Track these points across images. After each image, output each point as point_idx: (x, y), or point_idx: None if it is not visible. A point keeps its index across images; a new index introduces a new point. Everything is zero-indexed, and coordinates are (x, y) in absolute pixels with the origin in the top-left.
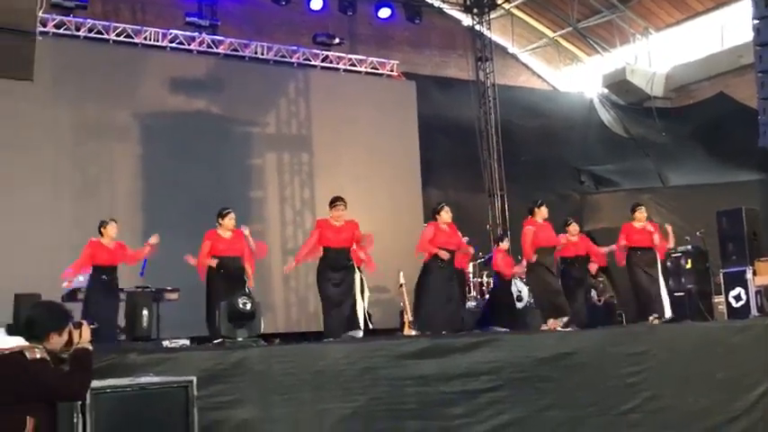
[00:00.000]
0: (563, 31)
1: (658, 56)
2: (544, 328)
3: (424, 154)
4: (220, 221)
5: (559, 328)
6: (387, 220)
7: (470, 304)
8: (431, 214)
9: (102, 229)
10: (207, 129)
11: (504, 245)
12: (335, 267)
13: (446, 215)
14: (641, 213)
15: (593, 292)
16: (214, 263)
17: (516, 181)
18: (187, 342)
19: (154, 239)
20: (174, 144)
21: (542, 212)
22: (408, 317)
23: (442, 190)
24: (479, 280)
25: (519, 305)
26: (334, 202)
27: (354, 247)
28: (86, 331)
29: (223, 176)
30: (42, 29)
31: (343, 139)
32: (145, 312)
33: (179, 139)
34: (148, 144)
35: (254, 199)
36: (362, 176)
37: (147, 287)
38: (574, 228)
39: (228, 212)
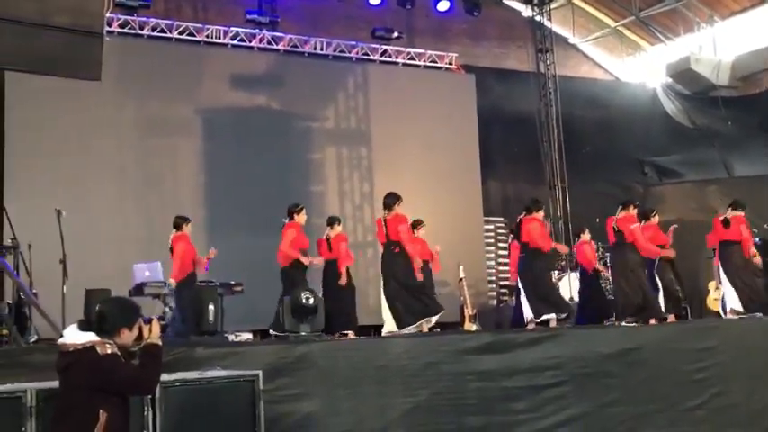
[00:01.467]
0: (625, 21)
1: (724, 44)
2: (608, 322)
3: (483, 147)
4: (296, 217)
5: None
6: (446, 215)
7: None
8: (528, 210)
9: (185, 226)
10: (267, 124)
11: (587, 236)
12: None
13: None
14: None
15: None
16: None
17: (578, 173)
18: (250, 336)
19: (212, 254)
20: (236, 139)
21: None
22: (469, 311)
23: (502, 183)
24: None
25: None
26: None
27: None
28: (156, 327)
29: (283, 171)
30: (108, 28)
31: (402, 134)
32: (211, 307)
33: (240, 135)
34: (211, 140)
35: (315, 193)
36: (421, 171)
37: (212, 281)
38: (656, 219)
39: (303, 208)
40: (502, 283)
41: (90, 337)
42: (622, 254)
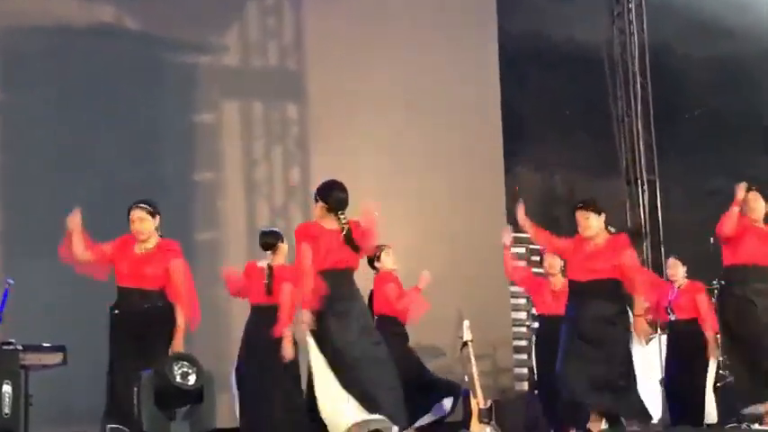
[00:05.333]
0: None
1: None
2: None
3: (509, 107)
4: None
5: None
6: (438, 225)
7: None
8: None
9: None
10: (116, 61)
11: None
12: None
13: None
14: None
15: None
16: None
17: (678, 158)
18: None
19: None
20: (62, 86)
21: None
22: (479, 401)
23: (540, 170)
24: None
25: None
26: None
27: None
28: None
29: (145, 145)
30: None
31: (363, 80)
32: (6, 388)
33: (70, 79)
34: (16, 87)
35: (201, 184)
36: (396, 145)
37: (11, 343)
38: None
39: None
40: None
41: None
42: None
